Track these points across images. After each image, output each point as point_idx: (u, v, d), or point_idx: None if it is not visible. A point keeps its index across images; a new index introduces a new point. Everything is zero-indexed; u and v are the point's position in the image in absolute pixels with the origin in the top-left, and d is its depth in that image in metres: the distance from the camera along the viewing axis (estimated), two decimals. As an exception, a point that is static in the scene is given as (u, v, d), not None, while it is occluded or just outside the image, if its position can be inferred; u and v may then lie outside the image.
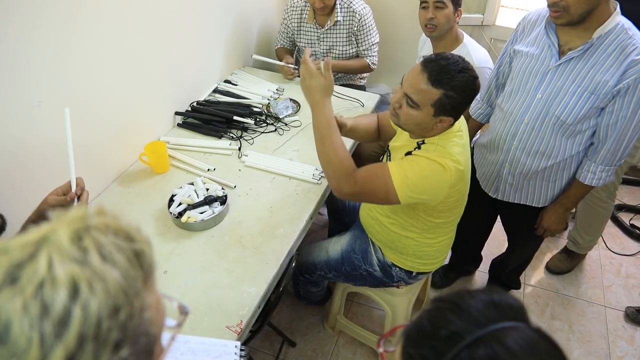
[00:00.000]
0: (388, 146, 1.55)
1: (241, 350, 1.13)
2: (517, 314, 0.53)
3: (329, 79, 1.31)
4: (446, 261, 2.30)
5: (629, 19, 1.38)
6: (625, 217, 2.69)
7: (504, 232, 2.56)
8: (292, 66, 2.24)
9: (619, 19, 1.35)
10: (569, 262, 2.39)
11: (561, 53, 1.44)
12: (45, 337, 0.32)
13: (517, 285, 2.24)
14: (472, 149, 1.85)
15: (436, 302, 0.56)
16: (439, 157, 1.26)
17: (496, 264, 2.24)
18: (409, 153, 1.35)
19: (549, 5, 1.36)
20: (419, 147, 1.35)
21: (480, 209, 1.92)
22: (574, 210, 2.40)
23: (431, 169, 1.26)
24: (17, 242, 0.38)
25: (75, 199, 1.06)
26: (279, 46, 2.46)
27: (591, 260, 2.47)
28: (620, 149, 1.46)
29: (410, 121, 1.30)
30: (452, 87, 1.21)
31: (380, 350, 0.63)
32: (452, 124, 1.33)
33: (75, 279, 0.35)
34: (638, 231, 2.60)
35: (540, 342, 0.50)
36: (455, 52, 1.87)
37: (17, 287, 0.34)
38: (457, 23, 1.91)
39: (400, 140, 1.46)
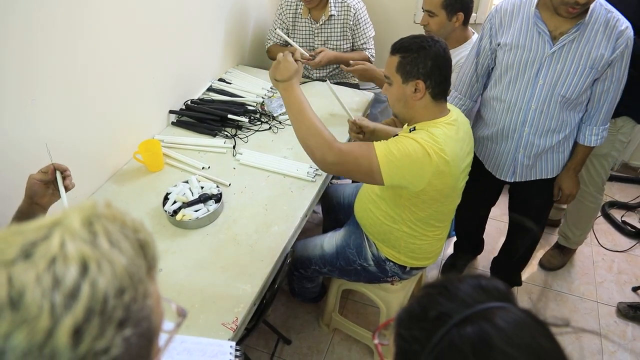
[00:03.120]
0: None
1: (236, 350, 1.13)
2: (504, 296, 0.54)
3: (295, 63, 1.35)
4: (445, 257, 2.34)
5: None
6: (617, 214, 2.72)
7: (498, 229, 2.58)
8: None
9: None
10: (561, 257, 2.42)
11: (553, 38, 1.50)
12: (56, 307, 0.35)
13: (519, 282, 2.25)
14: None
15: (426, 288, 0.58)
16: (424, 141, 1.28)
17: (498, 259, 2.25)
18: (396, 135, 1.37)
19: (569, 4, 1.37)
20: (409, 132, 1.37)
21: (482, 196, 2.01)
22: (564, 206, 2.43)
23: (414, 150, 1.27)
24: (32, 226, 0.41)
25: (60, 181, 1.08)
26: (271, 44, 2.44)
27: (583, 256, 2.50)
28: (613, 108, 1.62)
29: (392, 98, 1.38)
30: (406, 49, 1.31)
31: (376, 342, 0.64)
32: (437, 98, 1.33)
33: (85, 258, 0.38)
34: (630, 228, 2.62)
35: (528, 320, 0.51)
36: (461, 49, 1.90)
37: (30, 261, 0.36)
38: (460, 25, 1.88)
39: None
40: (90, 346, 0.36)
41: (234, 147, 1.86)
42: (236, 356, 1.11)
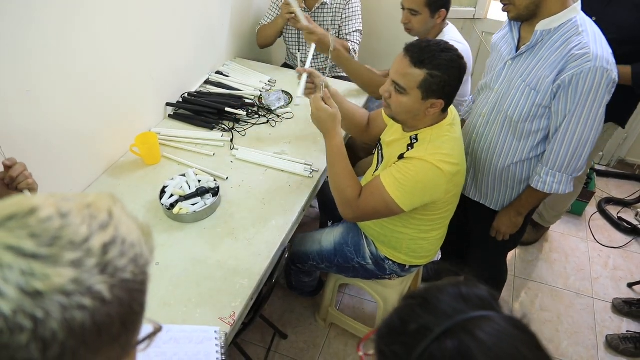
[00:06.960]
0: (380, 140, 1.55)
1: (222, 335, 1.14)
2: (486, 304, 0.52)
3: (334, 108, 1.38)
4: (438, 256, 2.31)
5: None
6: (613, 210, 2.73)
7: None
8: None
9: (573, 15, 1.29)
10: (534, 233, 2.51)
11: (518, 49, 1.42)
12: (92, 227, 0.45)
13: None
14: None
15: (406, 300, 0.56)
16: (431, 156, 1.26)
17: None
18: (401, 156, 1.34)
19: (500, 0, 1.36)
20: (411, 145, 1.34)
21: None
22: None
23: (424, 172, 1.27)
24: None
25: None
26: (264, 23, 2.37)
27: (580, 252, 2.51)
28: (568, 153, 1.35)
29: (401, 109, 1.30)
30: (435, 66, 1.20)
31: (361, 354, 0.62)
32: (445, 110, 1.32)
33: (111, 211, 0.48)
34: (625, 224, 2.63)
35: (512, 331, 0.49)
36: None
37: (69, 201, 0.46)
38: (443, 21, 1.87)
39: (392, 135, 1.46)
40: (113, 259, 0.44)
41: (231, 140, 1.84)
42: (222, 345, 1.12)
